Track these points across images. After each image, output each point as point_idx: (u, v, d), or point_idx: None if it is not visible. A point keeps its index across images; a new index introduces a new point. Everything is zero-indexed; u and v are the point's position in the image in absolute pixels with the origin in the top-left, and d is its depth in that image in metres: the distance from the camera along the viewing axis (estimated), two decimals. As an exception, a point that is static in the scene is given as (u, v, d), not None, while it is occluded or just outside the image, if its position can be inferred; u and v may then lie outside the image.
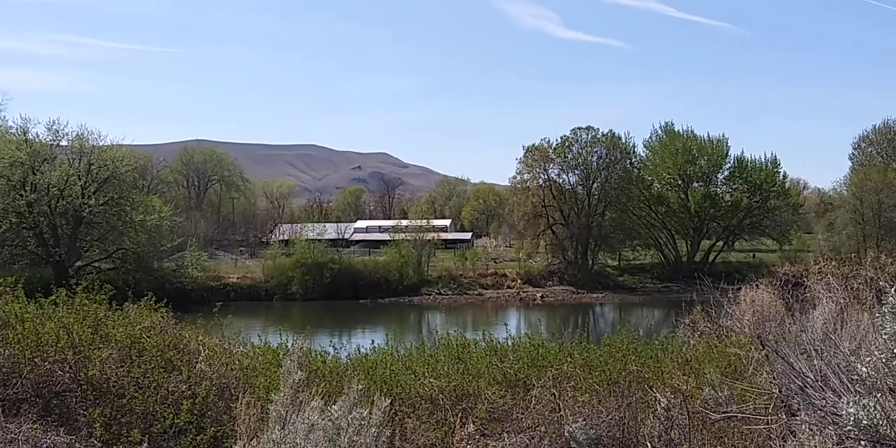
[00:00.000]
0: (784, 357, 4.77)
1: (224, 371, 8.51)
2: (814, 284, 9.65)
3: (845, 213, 71.74)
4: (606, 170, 70.74)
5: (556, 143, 71.63)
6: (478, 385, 9.13)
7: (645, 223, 74.86)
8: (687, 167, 74.69)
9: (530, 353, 10.93)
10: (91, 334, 8.18)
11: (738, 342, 9.29)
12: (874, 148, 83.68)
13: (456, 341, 12.13)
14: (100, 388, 7.35)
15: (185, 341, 9.33)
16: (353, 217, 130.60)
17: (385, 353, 11.88)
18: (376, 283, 62.80)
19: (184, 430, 6.87)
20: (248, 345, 12.28)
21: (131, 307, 10.07)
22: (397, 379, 9.53)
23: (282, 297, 60.66)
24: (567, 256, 70.69)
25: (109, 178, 55.99)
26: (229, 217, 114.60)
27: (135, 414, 7.06)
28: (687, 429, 6.62)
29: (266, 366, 10.18)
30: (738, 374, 7.61)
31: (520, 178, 73.14)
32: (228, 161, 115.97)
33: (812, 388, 4.13)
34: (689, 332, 13.55)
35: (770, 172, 74.66)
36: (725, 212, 74.79)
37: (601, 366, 9.66)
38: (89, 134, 56.76)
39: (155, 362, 7.90)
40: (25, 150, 53.12)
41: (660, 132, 77.99)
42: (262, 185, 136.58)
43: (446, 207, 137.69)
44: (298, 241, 65.64)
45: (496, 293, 64.18)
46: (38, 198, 53.05)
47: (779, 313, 10.53)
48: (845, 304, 7.81)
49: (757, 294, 12.69)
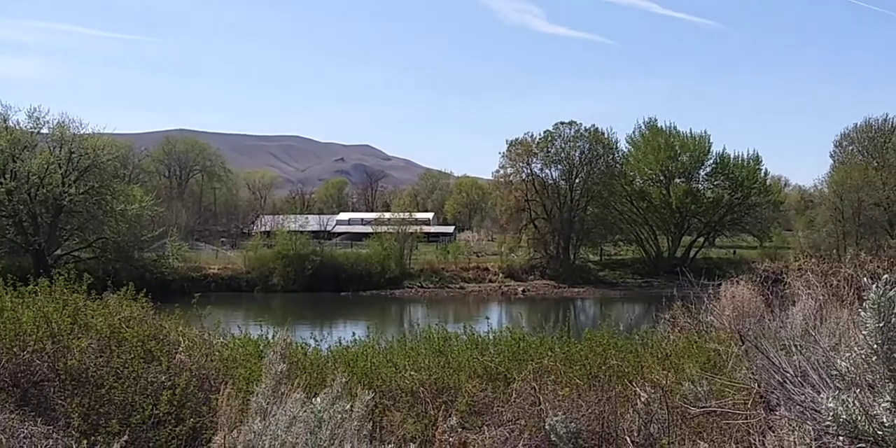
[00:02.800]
0: (764, 352, 4.80)
1: (204, 362, 8.46)
2: (793, 281, 9.72)
3: (825, 210, 72.19)
4: (589, 165, 70.91)
5: (539, 137, 71.78)
6: (459, 378, 9.13)
7: (626, 218, 75.11)
8: (669, 163, 74.99)
9: (511, 346, 10.94)
10: (70, 324, 8.11)
11: (718, 338, 9.33)
12: (855, 146, 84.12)
13: (437, 334, 12.12)
14: (78, 379, 7.30)
15: (166, 332, 9.28)
16: (336, 209, 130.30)
17: (366, 346, 11.86)
18: (358, 276, 62.76)
19: (163, 420, 6.84)
20: (228, 336, 12.25)
21: (111, 297, 9.99)
22: (378, 372, 9.52)
23: (263, 289, 60.59)
24: (549, 251, 70.86)
25: (90, 167, 55.72)
26: (211, 207, 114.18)
27: (114, 404, 7.01)
28: (666, 423, 6.65)
29: (246, 357, 10.15)
30: (718, 369, 7.64)
31: (503, 172, 73.31)
32: (211, 151, 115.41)
33: (791, 384, 4.15)
34: (670, 327, 13.61)
35: (752, 169, 75.10)
36: (707, 208, 75.18)
37: (582, 360, 9.67)
38: (70, 122, 56.61)
39: (135, 353, 7.85)
40: (6, 138, 52.83)
41: (643, 128, 78.41)
42: (245, 176, 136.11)
43: (429, 200, 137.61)
44: (280, 233, 65.59)
45: (478, 287, 64.31)
46: (17, 186, 52.71)
47: (758, 309, 10.58)
48: (824, 300, 7.86)
49: (737, 290, 12.75)
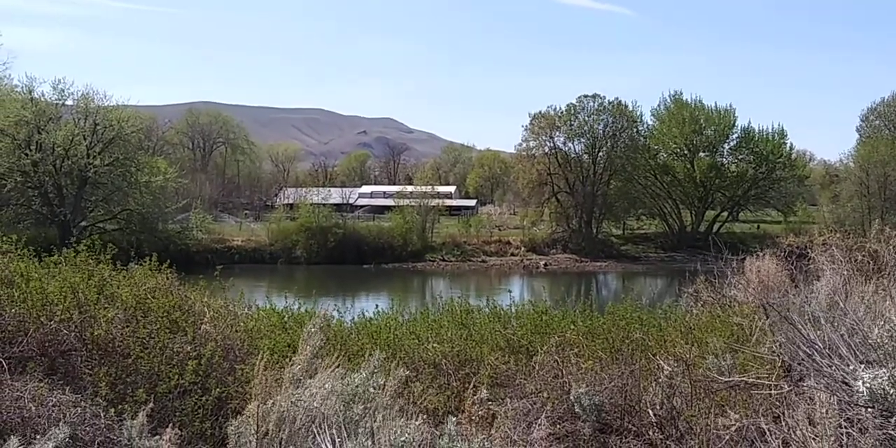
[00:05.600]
0: (793, 323, 4.76)
1: (229, 333, 8.52)
2: (818, 256, 9.61)
3: (851, 185, 71.42)
4: (612, 138, 70.48)
5: (562, 110, 71.31)
6: (481, 351, 9.16)
7: (650, 192, 74.64)
8: (694, 137, 74.31)
9: (534, 319, 10.96)
10: (96, 294, 8.18)
11: (742, 312, 9.28)
12: (882, 120, 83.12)
13: (459, 307, 12.16)
14: (105, 348, 7.37)
15: (191, 303, 9.34)
16: (358, 182, 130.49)
17: (389, 318, 11.92)
18: (380, 249, 62.87)
19: (189, 390, 6.90)
20: (252, 307, 12.33)
21: (136, 268, 10.06)
22: (401, 344, 9.57)
23: (286, 261, 60.84)
24: (571, 225, 70.64)
25: (115, 139, 55.92)
26: (234, 180, 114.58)
27: (140, 374, 7.08)
28: (689, 397, 6.64)
29: (271, 329, 10.23)
30: (742, 343, 7.60)
31: (525, 146, 72.99)
32: (234, 123, 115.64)
33: (820, 355, 4.12)
34: (693, 301, 13.53)
35: (777, 143, 74.29)
36: (731, 182, 74.55)
37: (604, 333, 9.68)
38: (94, 94, 56.67)
39: (160, 323, 7.92)
40: (31, 109, 52.98)
41: (668, 101, 77.57)
42: (268, 149, 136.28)
43: (451, 174, 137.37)
44: (303, 206, 65.66)
45: (500, 260, 64.29)
46: (43, 157, 53.01)
47: (783, 284, 10.51)
48: (849, 275, 7.78)
49: (762, 264, 12.65)
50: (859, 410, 3.63)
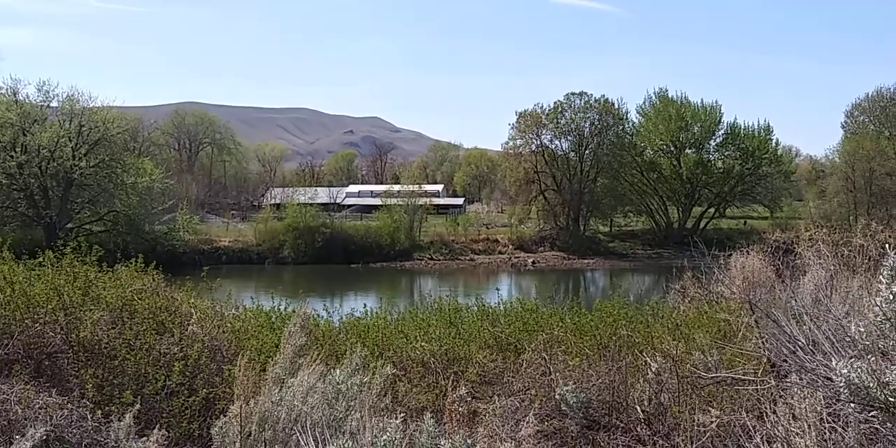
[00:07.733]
0: (776, 320, 4.79)
1: (216, 333, 8.49)
2: (804, 251, 9.64)
3: (837, 180, 71.84)
4: (599, 136, 70.63)
5: (549, 108, 71.42)
6: (469, 349, 9.17)
7: (637, 189, 74.85)
8: (680, 133, 74.53)
9: (521, 317, 10.98)
10: (82, 296, 8.14)
11: (728, 308, 9.31)
12: (867, 116, 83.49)
13: (448, 306, 12.17)
14: (91, 350, 7.35)
15: (177, 304, 9.30)
16: (345, 181, 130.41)
17: (377, 318, 11.92)
18: (368, 248, 62.82)
19: (176, 391, 6.88)
20: (240, 308, 12.30)
21: (122, 269, 10.01)
22: (389, 343, 9.56)
23: (273, 261, 60.77)
24: (559, 222, 70.76)
25: (100, 140, 55.72)
26: (221, 180, 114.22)
27: (127, 375, 7.06)
28: (676, 393, 6.66)
29: (258, 329, 10.21)
30: (728, 339, 7.63)
31: (512, 144, 73.03)
32: (220, 124, 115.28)
33: (803, 351, 4.14)
34: (680, 297, 13.56)
35: (762, 139, 74.59)
36: (717, 178, 74.83)
37: (592, 330, 9.70)
38: (80, 95, 56.57)
39: (147, 324, 7.89)
40: (16, 111, 52.79)
41: (654, 98, 77.83)
42: (254, 149, 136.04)
43: (438, 172, 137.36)
44: (290, 205, 65.63)
45: (488, 258, 64.33)
46: (28, 159, 52.77)
47: (769, 280, 10.54)
48: (835, 270, 7.81)
49: (747, 260, 12.68)
50: (842, 405, 3.66)
